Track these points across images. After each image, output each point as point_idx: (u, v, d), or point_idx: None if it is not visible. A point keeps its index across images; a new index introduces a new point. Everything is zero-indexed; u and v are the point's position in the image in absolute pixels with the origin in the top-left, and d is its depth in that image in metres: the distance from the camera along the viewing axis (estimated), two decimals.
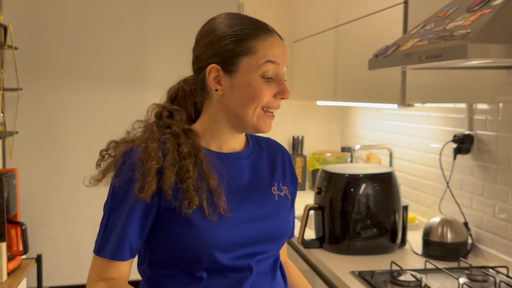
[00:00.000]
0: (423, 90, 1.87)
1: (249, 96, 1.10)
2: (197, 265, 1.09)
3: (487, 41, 1.24)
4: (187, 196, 1.06)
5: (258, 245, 1.13)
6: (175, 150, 1.09)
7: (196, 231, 1.07)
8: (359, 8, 2.22)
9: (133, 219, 1.07)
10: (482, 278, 1.70)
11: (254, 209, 1.14)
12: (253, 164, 1.19)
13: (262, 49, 1.10)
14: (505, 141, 1.86)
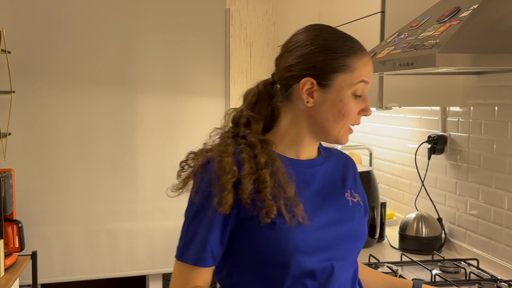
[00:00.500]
0: (399, 94, 1.99)
1: (340, 112, 1.11)
2: (280, 270, 1.08)
3: (454, 51, 1.36)
4: (265, 205, 1.06)
5: (338, 248, 1.13)
6: (252, 160, 1.10)
7: (278, 235, 1.07)
8: (340, 15, 2.34)
9: (213, 228, 1.09)
10: (454, 270, 1.83)
11: (331, 213, 1.15)
12: (326, 171, 1.20)
13: (359, 68, 1.11)
14: (475, 142, 1.99)
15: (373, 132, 2.81)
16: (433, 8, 1.68)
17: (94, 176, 3.15)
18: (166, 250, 3.30)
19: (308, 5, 2.77)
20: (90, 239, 3.18)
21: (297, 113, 1.14)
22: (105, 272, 3.23)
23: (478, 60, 1.38)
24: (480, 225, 1.97)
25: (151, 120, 3.21)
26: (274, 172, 1.09)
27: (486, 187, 1.93)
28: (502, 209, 1.85)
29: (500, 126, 1.85)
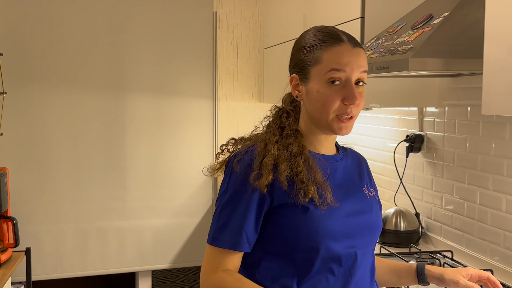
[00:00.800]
0: (379, 95, 2.10)
1: (320, 102, 1.18)
2: (309, 255, 1.15)
3: (426, 56, 1.47)
4: (303, 186, 1.15)
5: (360, 237, 1.21)
6: (286, 149, 1.19)
7: (309, 220, 1.15)
8: (324, 19, 2.44)
9: (249, 213, 1.16)
10: (430, 261, 1.94)
11: (354, 204, 1.22)
12: (346, 166, 1.28)
13: (327, 58, 1.17)
14: (450, 141, 2.10)
15: (355, 132, 2.92)
16: (409, 15, 1.80)
17: (85, 175, 3.22)
18: (155, 247, 3.39)
19: (294, 9, 2.87)
20: (81, 237, 3.25)
21: (303, 109, 1.25)
22: (96, 269, 3.30)
23: (448, 64, 1.50)
24: (455, 219, 2.09)
25: (140, 121, 3.29)
26: (305, 160, 1.19)
27: (460, 183, 2.04)
28: (474, 204, 1.97)
29: (472, 125, 1.97)
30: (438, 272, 1.31)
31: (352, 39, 1.21)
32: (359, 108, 1.20)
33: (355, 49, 1.19)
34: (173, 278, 4.43)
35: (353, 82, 1.17)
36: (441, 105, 2.14)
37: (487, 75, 1.35)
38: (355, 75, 1.17)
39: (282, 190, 1.16)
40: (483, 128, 1.91)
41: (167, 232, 3.40)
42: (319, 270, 1.17)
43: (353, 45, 1.19)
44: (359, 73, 1.18)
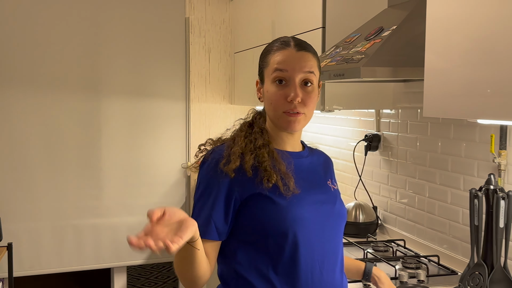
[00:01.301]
0: (339, 98, 2.29)
1: (269, 101, 1.30)
2: (280, 241, 1.24)
3: (376, 65, 1.66)
4: (266, 174, 1.25)
5: (327, 224, 1.30)
6: (252, 143, 1.30)
7: (277, 208, 1.24)
8: (290, 27, 2.61)
9: (217, 202, 1.25)
10: (384, 249, 2.14)
11: (319, 195, 1.32)
12: (311, 163, 1.38)
13: (272, 59, 1.30)
14: (403, 140, 2.31)
15: (320, 132, 3.11)
16: (363, 27, 1.99)
17: (61, 175, 3.32)
18: None
19: (263, 16, 3.04)
20: (58, 234, 3.35)
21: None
22: (72, 265, 3.41)
23: (395, 72, 1.69)
24: (407, 211, 2.30)
25: (116, 121, 3.41)
26: (269, 152, 1.30)
27: (412, 178, 2.25)
28: (424, 197, 2.18)
29: (422, 126, 2.18)
30: (377, 274, 1.50)
31: (299, 45, 1.31)
32: (307, 106, 1.29)
33: (299, 52, 1.29)
34: (147, 274, 4.55)
35: (297, 81, 1.27)
36: (395, 107, 2.34)
37: (427, 81, 1.54)
38: (299, 75, 1.27)
39: (248, 179, 1.26)
40: (431, 128, 2.12)
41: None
42: (290, 256, 1.25)
43: (297, 49, 1.30)
44: (302, 73, 1.27)
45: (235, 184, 1.26)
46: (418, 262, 1.94)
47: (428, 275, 1.84)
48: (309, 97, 1.29)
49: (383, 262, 1.96)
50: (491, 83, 1.30)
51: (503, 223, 1.56)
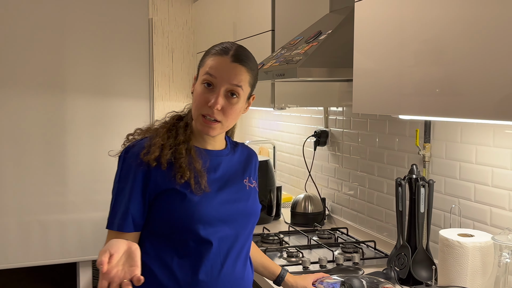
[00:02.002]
0: (288, 96, 2.44)
1: (194, 99, 1.35)
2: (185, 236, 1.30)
3: (311, 66, 1.81)
4: (180, 170, 1.30)
5: (235, 222, 1.37)
6: (174, 137, 1.35)
7: (186, 205, 1.30)
8: (248, 28, 2.73)
9: (134, 197, 1.30)
10: (328, 236, 2.31)
11: (231, 194, 1.38)
12: (230, 160, 1.43)
13: (208, 63, 1.33)
14: (347, 135, 2.48)
15: (277, 129, 3.27)
16: (306, 31, 2.15)
17: (27, 171, 3.40)
18: (95, 239, 3.59)
19: (224, 17, 3.17)
20: (24, 229, 3.43)
21: None
22: (38, 260, 3.49)
23: (330, 72, 1.85)
24: (352, 202, 2.47)
25: (80, 120, 3.50)
26: (188, 149, 1.34)
27: (355, 171, 2.42)
28: (365, 188, 2.35)
29: (362, 123, 2.35)
30: (293, 281, 1.62)
31: (236, 56, 1.33)
32: (226, 116, 1.32)
33: (233, 63, 1.31)
34: None
35: (222, 90, 1.30)
36: (340, 105, 2.51)
37: (356, 80, 1.71)
38: (225, 85, 1.30)
39: (163, 173, 1.31)
40: (370, 125, 2.29)
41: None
42: (194, 250, 1.31)
43: (232, 60, 1.31)
44: (229, 84, 1.30)
45: (151, 176, 1.30)
46: (356, 247, 2.10)
47: (362, 258, 2.01)
48: (231, 108, 1.32)
49: (325, 247, 2.12)
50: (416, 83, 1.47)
51: (423, 208, 1.73)
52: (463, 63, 1.23)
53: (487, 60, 1.16)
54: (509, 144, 1.59)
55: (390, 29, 1.50)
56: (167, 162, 1.32)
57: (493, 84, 1.15)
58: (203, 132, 1.34)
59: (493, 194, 1.66)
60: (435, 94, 1.34)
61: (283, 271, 1.65)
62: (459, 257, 1.51)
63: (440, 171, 1.88)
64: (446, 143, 1.84)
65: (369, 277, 1.65)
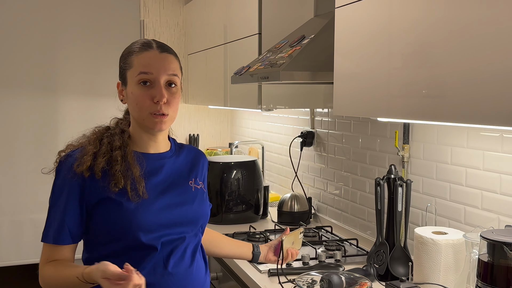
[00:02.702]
0: (275, 98, 2.50)
1: (135, 102, 1.32)
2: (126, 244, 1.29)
3: (294, 69, 1.87)
4: (114, 178, 1.28)
5: (179, 226, 1.35)
6: (109, 144, 1.32)
7: (124, 214, 1.28)
8: (238, 30, 2.79)
9: (69, 209, 1.29)
10: (312, 234, 2.37)
11: (174, 197, 1.36)
12: (174, 162, 1.41)
13: (136, 63, 1.32)
14: (332, 136, 2.54)
15: (266, 130, 3.33)
16: (291, 35, 2.21)
17: (19, 171, 3.45)
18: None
19: (215, 19, 3.22)
20: (16, 228, 3.48)
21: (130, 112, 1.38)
22: (30, 258, 3.54)
23: (312, 76, 1.91)
24: (335, 201, 2.53)
25: (72, 121, 3.56)
26: (125, 155, 1.31)
27: (339, 171, 2.48)
28: (348, 187, 2.41)
29: (346, 124, 2.41)
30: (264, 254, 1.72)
31: (161, 47, 1.35)
32: (171, 107, 1.32)
33: (162, 54, 1.33)
34: None
35: (162, 83, 1.31)
36: (325, 107, 2.57)
37: (336, 84, 1.77)
38: (163, 77, 1.31)
39: (98, 182, 1.29)
40: (354, 126, 2.35)
41: None
42: (139, 257, 1.31)
43: (160, 51, 1.33)
44: (167, 75, 1.32)
45: (86, 186, 1.29)
46: (339, 245, 2.17)
47: (344, 255, 2.07)
48: (173, 98, 1.33)
49: (308, 245, 2.19)
50: (395, 86, 1.53)
51: (401, 207, 1.80)
52: (447, 66, 1.29)
53: (472, 63, 1.22)
54: (482, 145, 1.66)
55: (369, 34, 1.56)
56: (101, 170, 1.29)
57: (479, 88, 1.20)
58: (155, 129, 1.33)
59: (467, 193, 1.73)
60: (415, 97, 1.40)
61: (256, 249, 1.71)
62: (432, 254, 1.57)
63: (418, 171, 1.94)
64: (424, 144, 1.91)
65: (348, 273, 1.72)
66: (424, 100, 1.33)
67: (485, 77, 1.12)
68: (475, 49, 1.15)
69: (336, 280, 1.61)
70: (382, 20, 1.49)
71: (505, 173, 1.58)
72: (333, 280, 1.61)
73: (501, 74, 1.08)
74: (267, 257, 1.72)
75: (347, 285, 1.62)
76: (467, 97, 1.18)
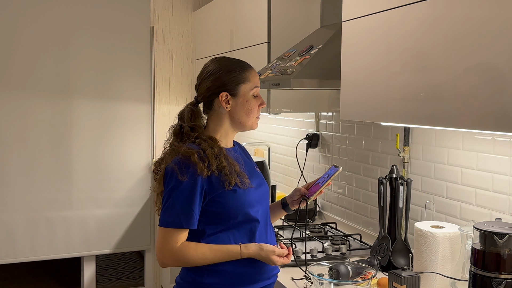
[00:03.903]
0: (282, 102, 2.67)
1: (248, 109, 1.66)
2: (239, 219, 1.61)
3: (304, 77, 2.04)
4: (227, 178, 1.58)
5: (265, 201, 1.70)
6: (211, 149, 1.60)
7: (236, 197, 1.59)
8: (245, 37, 2.96)
9: (195, 199, 1.56)
10: (318, 230, 2.53)
11: (256, 179, 1.69)
12: (240, 154, 1.73)
13: (252, 78, 1.67)
14: (337, 138, 2.71)
15: (272, 132, 3.50)
16: (299, 44, 2.37)
17: (34, 170, 3.60)
18: (98, 234, 3.80)
19: (222, 26, 3.39)
20: (31, 225, 3.62)
21: (220, 117, 1.67)
22: (44, 254, 3.69)
23: (321, 83, 2.07)
24: (340, 199, 2.69)
25: (86, 121, 3.70)
26: (225, 157, 1.62)
27: (343, 171, 2.65)
28: (352, 186, 2.58)
29: (350, 127, 2.58)
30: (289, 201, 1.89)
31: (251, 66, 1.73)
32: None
33: (256, 72, 1.72)
34: (115, 265, 4.85)
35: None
36: (330, 111, 2.74)
37: (343, 90, 1.93)
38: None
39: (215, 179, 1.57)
40: (357, 129, 2.52)
41: (110, 220, 3.82)
42: (248, 229, 1.64)
43: (254, 69, 1.71)
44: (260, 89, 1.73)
45: (205, 182, 1.57)
46: (344, 240, 2.33)
47: (349, 249, 2.24)
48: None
49: (315, 240, 2.35)
50: (397, 93, 1.69)
51: (402, 204, 1.96)
52: (445, 73, 1.46)
53: (463, 69, 1.38)
54: (476, 147, 1.83)
55: (374, 46, 1.73)
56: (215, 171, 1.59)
57: (475, 94, 1.37)
58: (255, 128, 1.72)
59: (462, 191, 1.89)
60: (416, 103, 1.56)
61: (284, 206, 1.89)
62: (431, 246, 1.74)
63: (417, 171, 2.11)
64: (423, 146, 2.08)
65: (354, 263, 1.88)
66: (429, 106, 1.49)
67: (476, 83, 1.29)
68: (464, 58, 1.31)
69: (343, 269, 1.77)
70: (382, 31, 1.66)
71: (496, 172, 1.75)
72: (340, 269, 1.77)
73: (488, 81, 1.24)
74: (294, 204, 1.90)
75: (354, 274, 1.78)
76: (461, 103, 1.34)
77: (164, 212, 1.59)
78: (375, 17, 1.71)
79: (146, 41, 3.82)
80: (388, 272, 1.71)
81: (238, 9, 3.04)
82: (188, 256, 1.59)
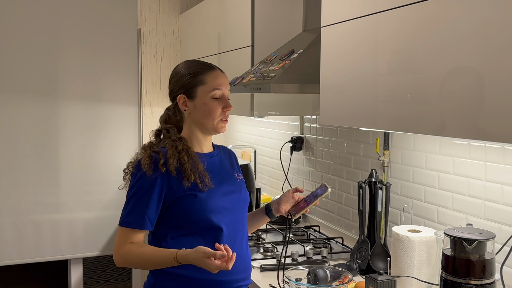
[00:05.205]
0: (266, 105, 2.67)
1: (207, 112, 1.64)
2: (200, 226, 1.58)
3: (284, 82, 2.04)
4: (185, 174, 1.57)
5: (236, 209, 1.67)
6: (174, 148, 1.61)
7: (198, 202, 1.58)
8: (232, 40, 2.96)
9: (150, 200, 1.56)
10: (301, 233, 2.55)
11: (229, 186, 1.67)
12: (220, 160, 1.73)
13: (211, 81, 1.64)
14: (320, 141, 2.72)
15: (258, 134, 3.51)
16: (281, 48, 2.38)
17: (21, 174, 3.59)
18: (85, 237, 3.79)
19: (209, 28, 3.38)
20: (18, 229, 3.62)
21: (188, 120, 1.68)
22: (31, 257, 3.68)
23: (300, 88, 2.08)
24: (323, 202, 2.71)
25: (72, 124, 3.70)
26: (189, 156, 1.61)
27: (326, 174, 2.66)
28: (335, 189, 2.59)
29: (333, 130, 2.59)
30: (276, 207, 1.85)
31: (218, 68, 1.71)
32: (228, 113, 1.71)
33: (222, 73, 1.70)
34: (104, 267, 4.85)
35: (227, 96, 1.68)
36: (314, 114, 2.75)
37: (323, 95, 1.95)
38: (227, 92, 1.69)
39: (173, 179, 1.57)
40: (339, 132, 2.53)
41: (97, 223, 3.82)
42: (210, 236, 1.60)
43: (221, 71, 1.70)
44: (227, 90, 1.70)
45: (164, 182, 1.58)
46: (325, 243, 2.34)
47: (330, 252, 2.25)
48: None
49: (297, 243, 2.36)
50: (375, 99, 1.70)
51: (380, 207, 1.98)
52: (432, 77, 1.47)
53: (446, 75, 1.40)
54: (453, 152, 1.84)
55: (353, 51, 1.74)
56: (175, 169, 1.58)
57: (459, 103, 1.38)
58: (221, 131, 1.69)
59: (439, 195, 1.91)
60: (400, 107, 1.58)
61: (268, 211, 1.86)
62: (407, 250, 1.75)
63: (397, 175, 2.13)
64: (402, 151, 2.09)
65: (332, 268, 1.89)
66: (405, 108, 1.51)
67: (454, 89, 1.30)
68: (446, 63, 1.33)
69: (322, 274, 1.78)
70: (361, 36, 1.67)
71: (472, 177, 1.76)
72: (318, 273, 1.78)
73: (466, 90, 1.26)
74: (279, 211, 1.87)
75: (332, 279, 1.80)
76: (445, 107, 1.36)
77: (122, 211, 1.62)
78: (354, 23, 1.72)
79: (133, 43, 3.82)
80: (365, 276, 1.72)
81: (225, 11, 3.05)
82: (130, 256, 1.58)
